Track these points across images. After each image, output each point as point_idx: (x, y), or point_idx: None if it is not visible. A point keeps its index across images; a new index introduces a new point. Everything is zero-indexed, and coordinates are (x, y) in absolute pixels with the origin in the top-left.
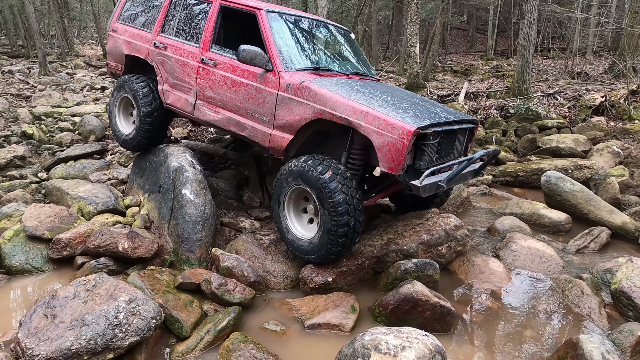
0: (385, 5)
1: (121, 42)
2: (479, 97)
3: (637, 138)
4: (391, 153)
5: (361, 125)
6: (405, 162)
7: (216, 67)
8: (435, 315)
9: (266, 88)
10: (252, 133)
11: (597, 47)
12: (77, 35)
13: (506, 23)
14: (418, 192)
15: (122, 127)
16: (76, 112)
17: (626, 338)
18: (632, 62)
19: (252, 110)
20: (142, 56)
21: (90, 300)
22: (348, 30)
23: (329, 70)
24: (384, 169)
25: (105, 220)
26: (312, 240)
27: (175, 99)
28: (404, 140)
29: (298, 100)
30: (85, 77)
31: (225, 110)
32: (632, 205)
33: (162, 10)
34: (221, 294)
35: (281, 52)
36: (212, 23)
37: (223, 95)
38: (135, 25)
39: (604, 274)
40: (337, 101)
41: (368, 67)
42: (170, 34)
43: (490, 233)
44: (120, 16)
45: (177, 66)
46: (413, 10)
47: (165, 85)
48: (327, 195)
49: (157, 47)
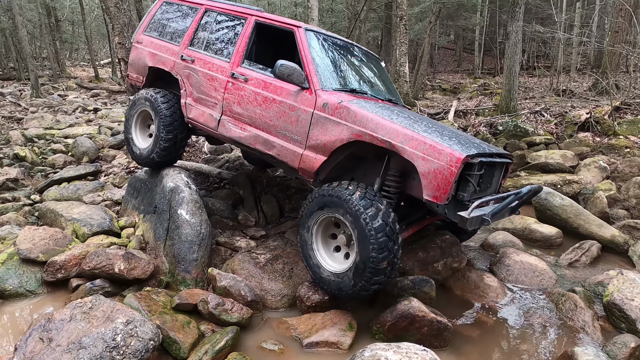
0: (374, 26)
1: (145, 53)
2: (468, 115)
3: (622, 153)
4: (437, 181)
5: (405, 149)
6: (451, 192)
7: (247, 83)
8: (433, 331)
9: (301, 106)
10: (281, 152)
11: (581, 65)
12: (69, 58)
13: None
14: (464, 224)
15: (137, 141)
16: (69, 133)
17: (620, 350)
18: (615, 79)
19: (282, 129)
20: (167, 68)
21: (87, 323)
22: (379, 58)
23: (364, 94)
24: (428, 197)
25: (100, 242)
26: (347, 274)
27: (198, 114)
28: (452, 168)
29: (335, 120)
30: (78, 99)
31: (252, 128)
32: (620, 218)
33: (193, 24)
34: (218, 314)
35: (318, 71)
36: (245, 39)
37: (252, 112)
38: (162, 37)
39: (596, 286)
40: (378, 123)
41: (397, 96)
42: (199, 48)
43: (484, 248)
44: (147, 28)
45: (204, 80)
46: (402, 31)
47: (188, 99)
48: (363, 219)
49: (184, 60)
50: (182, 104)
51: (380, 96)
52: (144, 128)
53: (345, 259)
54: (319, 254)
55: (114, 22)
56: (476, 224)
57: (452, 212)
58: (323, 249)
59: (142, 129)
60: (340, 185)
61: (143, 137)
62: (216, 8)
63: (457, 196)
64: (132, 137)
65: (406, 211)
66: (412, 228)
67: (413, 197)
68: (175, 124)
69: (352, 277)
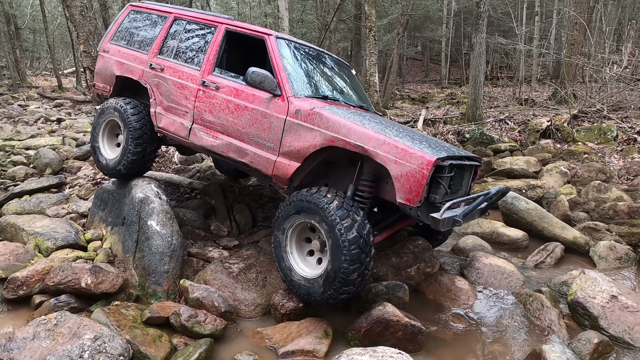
0: (344, 37)
1: (112, 62)
2: (437, 123)
3: (581, 159)
4: (410, 183)
5: (377, 153)
6: (423, 194)
7: (218, 91)
8: (407, 335)
9: (273, 113)
10: (254, 160)
11: (541, 76)
12: (30, 67)
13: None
14: (437, 226)
15: (105, 152)
16: (30, 145)
17: (584, 346)
18: (572, 89)
19: (255, 136)
20: (135, 77)
21: (52, 340)
22: (350, 65)
23: (336, 100)
24: (401, 200)
25: (65, 256)
26: (318, 280)
27: (168, 123)
28: (423, 171)
29: (308, 127)
30: (40, 109)
31: (225, 136)
32: (581, 220)
33: (162, 33)
34: (191, 326)
35: (290, 78)
36: (215, 47)
37: (224, 120)
38: (130, 46)
39: (561, 286)
40: (351, 128)
41: (369, 102)
42: (168, 56)
43: (455, 252)
44: (113, 37)
45: (174, 88)
46: (371, 42)
47: (158, 108)
48: (338, 230)
49: (153, 69)
50: (151, 113)
51: (351, 103)
52: (111, 138)
53: (318, 264)
54: (291, 257)
55: (78, 30)
56: (448, 225)
57: (424, 214)
58: (297, 252)
59: (110, 138)
60: (319, 192)
61: (111, 147)
62: (185, 16)
63: (429, 198)
64: (99, 147)
65: (381, 216)
66: (385, 232)
67: (386, 202)
68: (144, 136)
69: (322, 284)
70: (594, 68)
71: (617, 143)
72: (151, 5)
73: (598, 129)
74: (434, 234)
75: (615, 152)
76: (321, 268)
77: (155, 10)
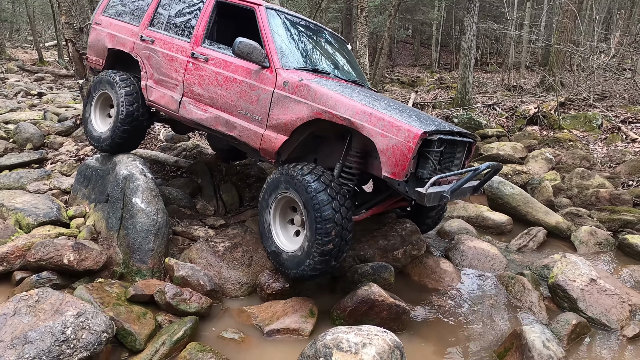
0: (334, 17)
1: (104, 35)
2: (426, 107)
3: (566, 146)
4: (395, 157)
5: (364, 126)
6: (409, 168)
7: (207, 63)
8: (392, 315)
9: (261, 85)
10: (242, 133)
11: (530, 63)
12: (9, 38)
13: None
14: (422, 200)
15: (96, 125)
16: (10, 119)
17: (563, 327)
18: (560, 76)
19: (243, 109)
20: (126, 50)
21: (34, 317)
22: (345, 41)
23: (327, 74)
24: (386, 173)
25: (46, 233)
26: (295, 254)
27: (159, 96)
28: (409, 144)
29: (296, 99)
30: (20, 83)
31: (213, 109)
32: (564, 206)
33: (153, 4)
34: (176, 304)
35: (279, 49)
36: (205, 18)
37: (213, 92)
38: (122, 18)
39: (542, 269)
40: (338, 100)
41: (364, 78)
42: (159, 28)
43: (440, 235)
44: (105, 9)
45: (164, 61)
46: (362, 22)
47: (149, 81)
48: (315, 206)
49: (144, 41)
50: (142, 87)
51: (344, 77)
52: (103, 113)
53: (296, 236)
54: (274, 230)
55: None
56: (435, 200)
57: (411, 189)
58: (280, 226)
59: (102, 113)
60: (300, 166)
61: (103, 121)
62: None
63: (417, 173)
64: (90, 121)
65: (371, 196)
66: (370, 210)
67: (380, 182)
68: (135, 110)
69: (299, 258)
70: (582, 56)
71: (601, 131)
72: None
73: (584, 116)
74: (423, 219)
75: (599, 140)
76: (299, 242)
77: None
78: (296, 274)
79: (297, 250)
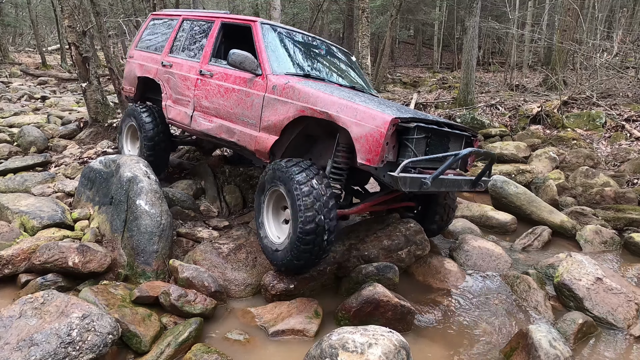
0: (336, 18)
1: (135, 66)
2: (428, 108)
3: (570, 144)
4: (369, 143)
5: (339, 117)
6: (383, 154)
7: (212, 78)
8: (397, 315)
9: (254, 91)
10: (241, 138)
11: (532, 62)
12: (13, 43)
13: (450, 38)
14: (396, 184)
15: (127, 151)
16: (14, 122)
17: (569, 326)
18: (563, 75)
19: (241, 115)
20: (151, 76)
21: (39, 319)
22: (349, 53)
23: (322, 80)
24: (361, 160)
25: (51, 235)
26: (281, 245)
27: (175, 113)
28: (381, 130)
29: (283, 100)
30: (23, 86)
31: (217, 118)
32: (568, 205)
33: (172, 34)
34: (181, 306)
35: (270, 57)
36: (212, 39)
37: (216, 104)
38: (149, 50)
39: (547, 269)
40: (318, 97)
41: (368, 85)
42: (176, 54)
43: (444, 235)
44: (138, 44)
45: (179, 81)
46: (364, 23)
47: (168, 101)
48: (297, 197)
49: (164, 66)
50: (163, 107)
51: (342, 83)
52: (134, 140)
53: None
54: (267, 223)
55: (62, 3)
56: (412, 186)
57: (388, 175)
58: (272, 220)
59: (133, 141)
60: (288, 161)
61: (133, 147)
62: (191, 17)
63: (398, 162)
64: (122, 148)
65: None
66: (362, 205)
67: None
68: (156, 134)
69: (285, 251)
70: (585, 55)
71: (605, 130)
72: (168, 12)
73: (587, 115)
74: (431, 220)
75: (603, 139)
76: (286, 233)
77: (169, 16)
78: (281, 266)
79: (285, 239)
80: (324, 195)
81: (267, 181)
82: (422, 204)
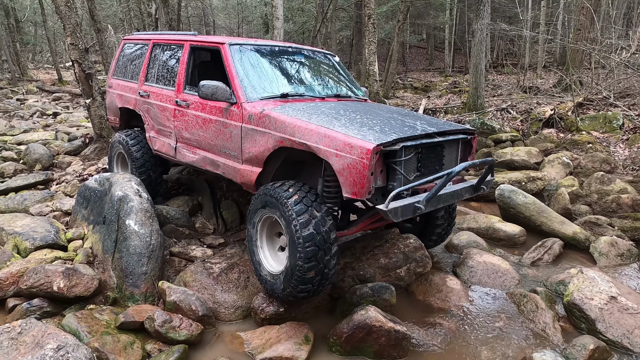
0: (345, 25)
1: (115, 96)
2: (437, 113)
3: (585, 148)
4: (352, 176)
5: (319, 149)
6: (369, 185)
7: (189, 108)
8: (391, 341)
9: (231, 122)
10: (225, 170)
11: (547, 62)
12: (32, 60)
13: (461, 41)
14: (387, 217)
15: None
16: (23, 140)
17: (579, 352)
18: (578, 76)
19: (222, 147)
20: (131, 107)
21: (15, 350)
22: (330, 54)
23: (300, 96)
24: (347, 194)
25: (43, 257)
26: (280, 275)
27: (160, 145)
28: (363, 160)
29: (260, 131)
30: (37, 103)
31: (200, 150)
32: (582, 214)
33: (145, 60)
34: (165, 332)
35: (243, 83)
36: (184, 65)
37: (197, 135)
38: (125, 77)
39: (557, 285)
40: (295, 126)
41: (354, 88)
42: (152, 82)
43: (448, 249)
44: (114, 72)
45: (158, 112)
46: (370, 30)
47: (151, 132)
48: (294, 225)
49: (142, 96)
50: (147, 138)
51: (322, 95)
52: (125, 167)
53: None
54: (261, 252)
55: (65, 22)
56: (405, 214)
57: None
58: (267, 247)
59: (124, 168)
60: (282, 185)
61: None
62: (160, 40)
63: (388, 187)
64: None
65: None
66: (355, 227)
67: None
68: (145, 161)
69: (282, 281)
70: (601, 54)
71: (622, 132)
72: (138, 35)
73: (603, 117)
74: (430, 233)
75: (620, 142)
76: (283, 264)
77: (140, 40)
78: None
79: (281, 273)
80: (323, 226)
81: (259, 206)
82: (422, 216)
